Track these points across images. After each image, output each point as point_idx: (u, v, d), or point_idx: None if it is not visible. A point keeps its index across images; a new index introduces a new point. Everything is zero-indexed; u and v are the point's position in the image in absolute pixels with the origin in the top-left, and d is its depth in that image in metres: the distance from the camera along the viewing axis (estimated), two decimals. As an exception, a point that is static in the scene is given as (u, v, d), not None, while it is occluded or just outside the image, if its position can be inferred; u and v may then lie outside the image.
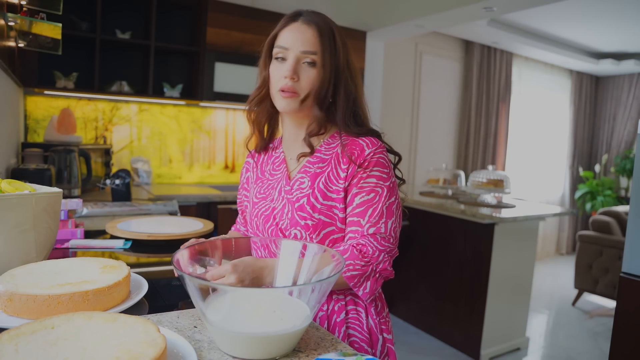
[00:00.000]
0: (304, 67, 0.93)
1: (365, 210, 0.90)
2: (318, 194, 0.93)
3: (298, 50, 0.92)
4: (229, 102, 3.00)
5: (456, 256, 2.88)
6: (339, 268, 0.69)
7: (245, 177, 1.13)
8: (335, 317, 0.93)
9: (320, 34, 0.93)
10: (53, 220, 0.99)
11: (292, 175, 1.00)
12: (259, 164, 1.09)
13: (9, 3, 1.48)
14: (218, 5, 2.90)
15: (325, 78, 0.93)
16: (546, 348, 3.06)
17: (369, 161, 0.92)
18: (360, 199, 0.91)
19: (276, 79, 0.95)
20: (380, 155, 0.94)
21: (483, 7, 2.78)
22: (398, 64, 4.18)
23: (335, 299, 0.94)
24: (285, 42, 0.94)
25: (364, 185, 0.91)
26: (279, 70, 0.94)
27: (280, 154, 1.06)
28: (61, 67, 2.65)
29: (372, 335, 0.95)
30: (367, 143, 0.94)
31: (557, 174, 5.81)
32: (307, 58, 0.93)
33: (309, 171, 0.96)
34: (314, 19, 0.95)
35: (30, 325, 0.59)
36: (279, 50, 0.95)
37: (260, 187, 1.04)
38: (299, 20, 0.95)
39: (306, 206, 0.92)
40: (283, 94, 0.93)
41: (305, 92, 0.94)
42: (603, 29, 4.26)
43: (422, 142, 4.44)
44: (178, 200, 2.41)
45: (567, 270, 5.00)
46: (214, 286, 0.68)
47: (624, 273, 1.33)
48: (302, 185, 0.95)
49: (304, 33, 0.93)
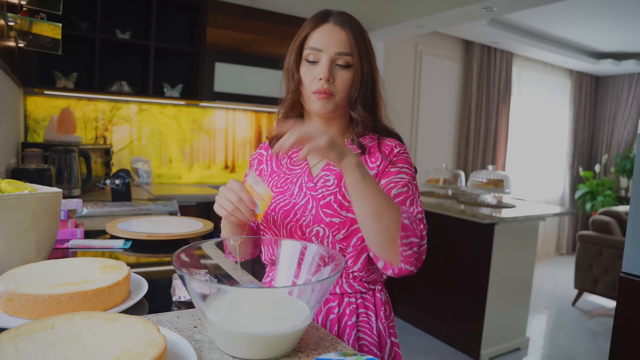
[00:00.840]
0: (338, 69, 0.93)
1: (405, 200, 0.90)
2: (346, 192, 0.91)
3: (332, 52, 0.92)
4: (229, 102, 3.00)
5: (456, 256, 2.88)
6: (339, 268, 0.69)
7: (259, 169, 1.09)
8: (346, 319, 0.92)
9: (354, 36, 0.93)
10: (53, 220, 0.99)
11: (313, 172, 0.98)
12: (274, 157, 1.06)
13: (9, 3, 1.48)
14: (218, 5, 2.90)
15: (358, 79, 0.93)
16: (546, 348, 3.06)
17: (398, 158, 0.94)
18: (397, 190, 0.90)
19: (309, 81, 0.94)
20: (407, 155, 0.96)
21: (483, 7, 2.78)
22: (398, 64, 4.17)
23: (347, 302, 0.93)
24: (318, 43, 0.92)
25: (397, 180, 0.91)
26: (311, 72, 0.93)
27: (299, 150, 1.03)
28: (61, 67, 2.65)
29: (381, 339, 0.95)
30: (395, 143, 0.96)
31: (557, 174, 5.81)
32: (341, 60, 0.92)
33: (334, 169, 0.95)
34: (346, 20, 0.94)
35: (30, 325, 0.59)
36: (311, 52, 0.93)
37: (277, 180, 1.01)
38: (330, 21, 0.94)
39: (333, 204, 0.91)
40: (318, 96, 0.92)
41: (340, 93, 0.93)
42: (603, 29, 4.26)
43: (422, 142, 4.44)
44: (178, 200, 2.41)
45: (567, 270, 5.00)
46: (216, 286, 0.68)
47: (624, 273, 1.33)
48: (328, 182, 0.94)
49: (338, 34, 0.92)
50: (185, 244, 1.04)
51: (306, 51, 0.94)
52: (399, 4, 3.28)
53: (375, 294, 0.96)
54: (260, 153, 1.11)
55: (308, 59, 0.94)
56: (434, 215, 2.98)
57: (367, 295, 0.95)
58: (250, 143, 3.47)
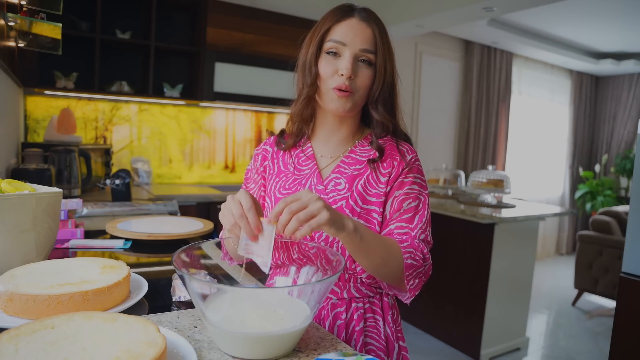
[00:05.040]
0: (360, 66, 0.89)
1: (413, 217, 0.89)
2: (357, 197, 0.90)
3: (357, 48, 0.88)
4: (229, 102, 3.00)
5: (456, 256, 2.88)
6: (339, 268, 0.69)
7: (264, 165, 1.03)
8: (354, 325, 0.91)
9: (380, 34, 0.90)
10: (53, 220, 0.99)
11: (323, 174, 0.95)
12: (280, 155, 1.01)
13: (9, 3, 1.48)
14: (218, 5, 2.90)
15: (381, 79, 0.90)
16: (546, 348, 3.06)
17: (411, 167, 0.92)
18: (407, 205, 0.89)
19: (329, 75, 0.89)
20: (419, 162, 0.94)
21: (483, 7, 2.78)
22: (398, 63, 4.14)
23: (355, 307, 0.91)
24: (343, 37, 0.88)
25: (409, 192, 0.90)
26: (332, 65, 0.89)
27: (307, 149, 0.99)
28: (61, 67, 2.65)
29: (389, 344, 0.93)
30: (406, 149, 0.94)
31: (557, 174, 5.81)
32: (365, 57, 0.89)
33: (345, 172, 0.93)
34: (372, 17, 0.91)
35: (30, 325, 0.59)
36: (334, 45, 0.89)
37: (285, 181, 0.97)
38: (356, 15, 0.90)
39: (345, 209, 0.89)
40: (339, 93, 0.88)
41: (361, 91, 0.90)
42: (603, 29, 4.26)
43: (422, 142, 4.44)
44: (178, 200, 2.41)
45: (567, 270, 5.00)
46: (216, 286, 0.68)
47: (624, 273, 1.33)
48: (339, 186, 0.91)
49: (364, 30, 0.89)
50: (185, 244, 1.04)
51: (328, 44, 0.89)
52: (399, 4, 3.27)
53: (382, 298, 0.95)
54: (266, 149, 1.05)
55: (329, 51, 0.89)
56: (434, 215, 2.98)
57: (374, 299, 0.94)
58: (251, 143, 3.47)
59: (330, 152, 0.97)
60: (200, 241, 0.81)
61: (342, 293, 0.91)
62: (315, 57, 0.91)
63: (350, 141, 0.98)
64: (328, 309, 0.91)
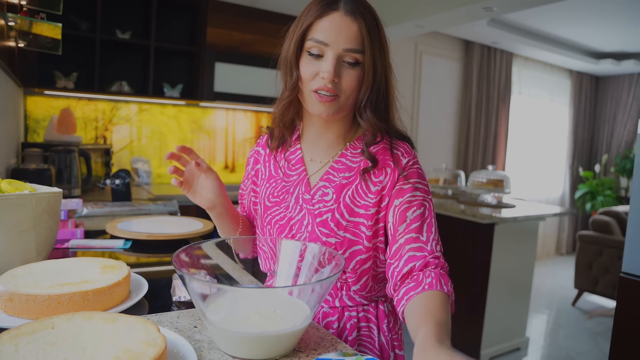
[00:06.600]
0: (345, 67, 0.79)
1: (422, 226, 0.81)
2: (344, 210, 0.84)
3: (340, 48, 0.78)
4: (229, 102, 3.00)
5: (456, 256, 2.88)
6: (339, 268, 0.69)
7: (255, 169, 0.99)
8: (347, 334, 0.87)
9: (367, 28, 0.78)
10: (53, 220, 0.99)
11: (312, 181, 0.89)
12: (271, 157, 0.96)
13: (9, 3, 1.48)
14: (218, 5, 2.90)
15: (369, 80, 0.81)
16: (546, 348, 3.05)
17: (408, 171, 0.84)
18: (412, 214, 0.81)
19: (309, 77, 0.80)
20: (418, 165, 0.87)
21: (483, 7, 2.78)
22: (398, 64, 4.14)
23: (348, 316, 0.87)
24: (324, 36, 0.78)
25: (411, 199, 0.82)
26: (313, 66, 0.80)
27: (297, 151, 0.93)
28: (61, 67, 2.65)
29: (384, 352, 0.89)
30: (402, 152, 0.86)
31: (557, 174, 5.81)
32: (350, 57, 0.79)
33: (333, 180, 0.86)
34: (359, 9, 0.79)
35: (30, 325, 0.59)
36: (315, 44, 0.79)
37: (274, 188, 0.92)
38: (340, 9, 0.78)
39: (330, 222, 0.83)
40: (320, 98, 0.80)
41: (346, 93, 0.81)
42: (603, 29, 4.26)
43: (422, 142, 4.44)
44: (178, 200, 2.41)
45: (567, 270, 5.00)
46: (216, 286, 0.68)
47: (624, 273, 1.33)
48: (326, 197, 0.85)
49: (349, 27, 0.78)
50: (185, 244, 1.04)
51: (309, 42, 0.80)
52: (399, 4, 3.27)
53: (378, 306, 0.90)
54: (258, 151, 1.00)
55: (311, 51, 0.80)
56: (434, 215, 2.98)
57: (369, 307, 0.89)
58: (250, 143, 3.47)
59: (320, 155, 0.91)
60: (200, 241, 0.81)
61: (333, 301, 0.88)
62: (296, 56, 0.82)
63: (341, 143, 0.90)
64: (319, 318, 0.88)
